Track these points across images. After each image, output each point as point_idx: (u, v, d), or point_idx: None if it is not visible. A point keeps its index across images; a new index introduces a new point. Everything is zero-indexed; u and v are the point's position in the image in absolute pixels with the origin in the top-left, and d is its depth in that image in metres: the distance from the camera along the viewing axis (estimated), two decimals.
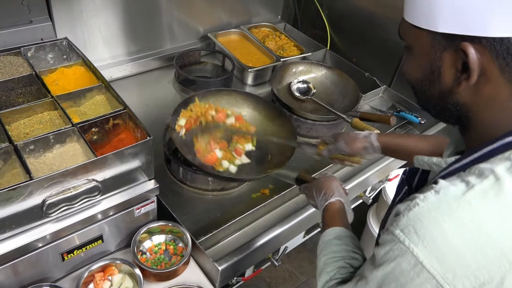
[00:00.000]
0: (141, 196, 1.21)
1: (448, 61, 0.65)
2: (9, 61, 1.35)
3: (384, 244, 0.66)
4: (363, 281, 0.71)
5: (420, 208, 0.61)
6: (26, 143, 1.10)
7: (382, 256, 0.66)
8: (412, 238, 0.61)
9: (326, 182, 1.14)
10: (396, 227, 0.63)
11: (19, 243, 1.03)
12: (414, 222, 0.61)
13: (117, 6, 1.78)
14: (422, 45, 0.67)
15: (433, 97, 0.70)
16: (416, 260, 0.60)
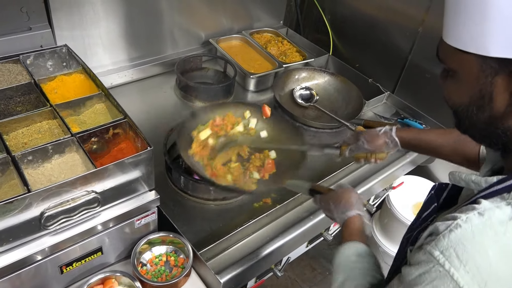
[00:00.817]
0: (142, 207, 1.19)
1: (501, 85, 0.62)
2: (8, 69, 1.33)
3: (419, 264, 0.63)
4: None
5: (463, 230, 0.59)
6: (24, 154, 1.07)
7: (416, 277, 0.63)
8: (453, 262, 0.58)
9: (345, 194, 1.09)
10: (435, 248, 0.60)
11: (17, 256, 1.01)
12: (456, 245, 0.58)
13: (117, 12, 1.76)
14: (470, 70, 0.64)
15: (481, 122, 0.67)
16: (455, 285, 0.58)
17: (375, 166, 1.74)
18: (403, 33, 2.05)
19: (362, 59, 2.26)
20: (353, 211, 1.04)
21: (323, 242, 2.41)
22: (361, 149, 1.31)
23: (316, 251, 2.40)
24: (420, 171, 2.16)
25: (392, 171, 1.73)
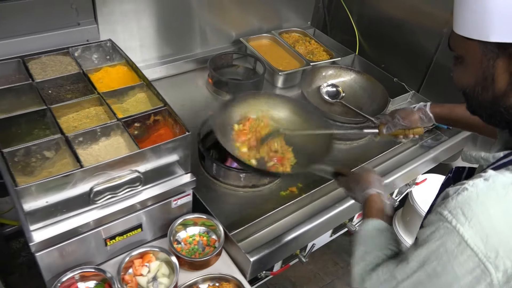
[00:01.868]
0: (179, 188, 1.28)
1: (501, 67, 0.70)
2: (59, 60, 1.45)
3: (430, 224, 0.70)
4: (404, 262, 0.75)
5: (469, 192, 0.66)
6: (76, 135, 1.18)
7: (427, 236, 0.70)
8: (459, 219, 0.65)
9: (364, 174, 1.17)
10: (445, 208, 0.67)
11: (69, 226, 1.12)
12: (462, 205, 0.65)
13: (153, 12, 1.87)
14: (474, 55, 0.72)
15: (486, 101, 0.75)
16: (461, 239, 0.64)
17: (397, 161, 1.80)
18: (428, 34, 2.09)
19: (387, 59, 2.31)
20: (372, 189, 1.11)
21: (345, 238, 2.49)
22: (398, 125, 1.42)
23: (339, 246, 2.46)
24: (443, 169, 2.19)
25: (414, 166, 1.77)
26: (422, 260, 0.71)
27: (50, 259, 1.14)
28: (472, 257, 0.64)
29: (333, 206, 1.54)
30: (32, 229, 1.09)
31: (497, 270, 0.63)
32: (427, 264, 0.70)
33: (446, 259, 0.67)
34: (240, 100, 1.57)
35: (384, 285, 0.79)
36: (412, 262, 0.73)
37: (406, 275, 0.74)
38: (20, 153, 1.13)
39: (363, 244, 0.95)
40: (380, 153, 1.76)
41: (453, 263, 0.66)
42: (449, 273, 0.67)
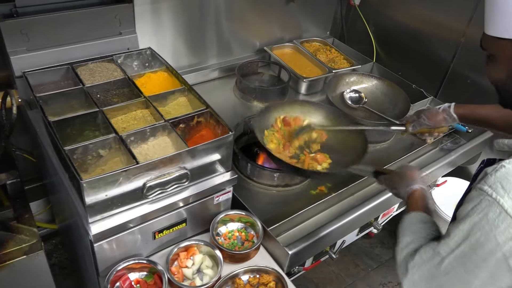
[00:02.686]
0: (220, 185, 1.36)
1: None
2: (105, 66, 1.55)
3: (471, 200, 0.78)
4: (447, 238, 0.82)
5: (507, 169, 0.75)
6: (128, 135, 1.27)
7: (469, 211, 0.78)
8: (499, 192, 0.73)
9: (408, 171, 1.23)
10: (485, 184, 0.75)
11: (123, 219, 1.20)
12: (501, 180, 0.74)
13: (184, 24, 1.98)
14: (505, 52, 0.83)
15: None
16: (501, 209, 0.72)
17: (418, 163, 1.89)
18: (445, 44, 2.18)
19: (404, 67, 2.40)
20: (416, 185, 1.17)
21: (365, 241, 2.55)
22: (423, 125, 1.54)
23: (359, 249, 2.52)
24: (462, 173, 2.27)
25: (434, 169, 1.84)
26: (465, 233, 0.78)
27: (105, 250, 1.22)
28: None
29: (361, 205, 1.61)
30: (91, 221, 1.17)
31: None
32: (471, 236, 0.77)
33: (488, 228, 0.74)
34: (277, 106, 1.70)
35: (428, 263, 0.85)
36: (455, 237, 0.80)
37: (451, 249, 0.81)
38: (79, 151, 1.22)
39: (407, 234, 1.00)
40: (402, 156, 1.84)
41: (495, 232, 0.73)
42: (491, 242, 0.74)
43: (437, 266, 0.83)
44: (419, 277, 0.87)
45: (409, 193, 1.16)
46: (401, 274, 0.92)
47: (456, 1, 2.06)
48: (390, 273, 2.38)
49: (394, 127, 1.61)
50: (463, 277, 0.79)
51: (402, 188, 1.20)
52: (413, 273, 0.88)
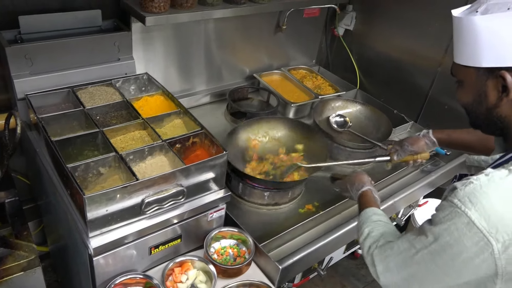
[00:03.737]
0: (214, 202, 1.43)
1: (491, 85, 0.90)
2: (104, 90, 1.63)
3: (443, 209, 0.87)
4: (423, 236, 0.92)
5: (474, 185, 0.83)
6: (127, 154, 1.34)
7: (441, 218, 0.87)
8: (467, 205, 0.82)
9: (358, 175, 1.41)
10: (454, 197, 0.84)
11: (121, 234, 1.25)
12: (469, 194, 0.83)
13: (177, 52, 2.09)
14: (470, 78, 0.93)
15: (482, 114, 0.94)
16: (469, 220, 0.81)
17: (400, 184, 1.97)
18: (424, 72, 2.32)
19: (386, 94, 2.53)
20: (365, 187, 1.34)
21: (351, 262, 2.62)
22: (407, 152, 1.63)
23: (346, 270, 2.58)
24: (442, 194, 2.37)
25: (414, 189, 1.92)
26: (437, 235, 0.87)
27: (103, 264, 1.26)
28: (478, 233, 0.80)
29: (346, 223, 1.68)
30: (91, 236, 1.22)
31: (497, 242, 0.79)
32: (441, 238, 0.86)
33: (457, 234, 0.83)
34: (245, 125, 1.85)
35: (405, 253, 0.96)
36: (429, 236, 0.90)
37: (424, 245, 0.91)
38: (81, 168, 1.29)
39: (366, 226, 1.15)
40: (384, 177, 1.94)
41: (463, 238, 0.82)
42: (460, 245, 0.83)
43: (411, 257, 0.94)
44: (394, 264, 0.98)
45: (361, 194, 1.32)
46: (369, 262, 1.06)
47: (433, 34, 2.21)
48: None
49: (380, 158, 1.69)
50: (432, 269, 0.89)
51: (353, 191, 1.37)
52: (388, 261, 0.99)
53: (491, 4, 0.87)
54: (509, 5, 0.84)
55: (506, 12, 0.84)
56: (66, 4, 1.70)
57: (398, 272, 0.97)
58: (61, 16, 1.64)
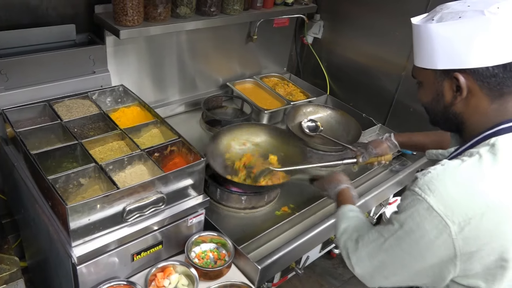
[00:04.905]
0: (194, 207, 1.48)
1: (447, 86, 0.99)
2: (81, 102, 1.66)
3: (406, 198, 0.95)
4: (390, 224, 1.00)
5: (432, 174, 0.92)
6: (107, 164, 1.38)
7: (404, 205, 0.95)
8: (426, 192, 0.90)
9: (335, 175, 1.50)
10: (415, 186, 0.92)
11: (104, 242, 1.29)
12: (428, 183, 0.91)
13: (151, 64, 2.13)
14: (429, 79, 1.01)
15: (439, 111, 1.03)
16: (428, 205, 0.89)
17: (370, 184, 2.07)
18: (389, 77, 2.45)
19: (355, 99, 2.64)
20: (343, 185, 1.42)
21: (328, 262, 2.70)
22: (371, 154, 1.74)
23: (323, 270, 2.66)
24: None
25: (384, 188, 2.01)
26: (402, 222, 0.96)
27: (87, 273, 1.29)
28: (437, 217, 0.89)
29: (321, 223, 1.76)
30: (74, 245, 1.25)
31: (453, 223, 0.87)
32: (405, 224, 0.94)
33: (419, 219, 0.91)
34: (226, 131, 1.92)
35: (374, 243, 1.04)
36: (395, 224, 0.98)
37: (391, 233, 0.99)
38: (62, 180, 1.31)
39: (343, 222, 1.22)
40: (355, 178, 2.03)
41: (424, 222, 0.90)
42: (421, 229, 0.91)
43: (380, 246, 1.02)
44: (366, 254, 1.06)
45: (338, 192, 1.40)
46: (345, 255, 1.13)
47: (397, 40, 2.34)
48: None
49: (347, 160, 1.77)
50: (399, 254, 0.97)
51: (331, 190, 1.45)
52: (360, 251, 1.07)
53: (445, 13, 0.96)
54: (461, 14, 0.93)
55: (458, 20, 0.93)
56: (39, 20, 1.72)
57: (369, 261, 1.05)
58: (35, 31, 1.66)
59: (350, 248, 1.12)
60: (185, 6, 1.91)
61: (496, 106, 0.95)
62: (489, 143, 0.93)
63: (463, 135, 1.04)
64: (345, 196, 1.39)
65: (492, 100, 0.95)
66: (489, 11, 0.90)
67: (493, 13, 0.89)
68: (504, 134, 0.93)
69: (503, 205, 0.88)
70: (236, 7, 2.08)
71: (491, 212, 0.87)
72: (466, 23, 0.91)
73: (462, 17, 0.92)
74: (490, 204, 0.87)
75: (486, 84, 0.94)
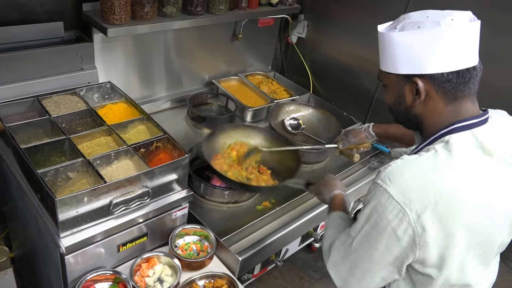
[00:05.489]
0: (178, 201, 1.55)
1: (407, 89, 1.06)
2: (69, 98, 1.70)
3: (370, 191, 1.03)
4: (355, 223, 1.07)
5: (392, 167, 1.00)
6: (95, 159, 1.43)
7: (369, 198, 1.03)
8: (387, 183, 0.98)
9: (330, 180, 1.52)
10: (378, 178, 1.00)
11: (91, 233, 1.35)
12: (388, 175, 0.99)
13: (137, 61, 2.18)
14: (392, 82, 1.09)
15: (401, 112, 1.11)
16: (389, 195, 0.97)
17: (350, 180, 2.16)
18: (370, 77, 2.54)
19: (337, 97, 2.73)
20: (336, 191, 1.46)
21: (309, 255, 2.79)
22: (350, 142, 1.85)
23: (304, 263, 2.75)
24: None
25: (362, 184, 2.10)
26: (367, 216, 1.03)
27: (74, 262, 1.35)
28: (397, 206, 0.96)
29: (300, 217, 1.85)
30: (62, 236, 1.30)
31: (411, 211, 0.95)
32: (370, 217, 1.02)
33: (381, 210, 0.99)
34: (221, 131, 1.92)
35: (344, 245, 1.10)
36: (360, 220, 1.05)
37: (357, 230, 1.06)
38: (51, 173, 1.37)
39: (330, 228, 1.27)
40: (336, 174, 2.11)
41: (386, 212, 0.98)
42: (384, 220, 0.99)
43: (349, 246, 1.08)
44: (338, 257, 1.12)
45: (332, 197, 1.44)
46: (326, 259, 1.18)
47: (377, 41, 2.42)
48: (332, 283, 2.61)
49: (328, 145, 1.89)
50: (368, 250, 1.04)
51: (326, 194, 1.48)
52: (333, 255, 1.14)
53: (407, 22, 1.04)
54: (420, 24, 1.01)
55: (417, 30, 1.01)
56: (27, 17, 1.75)
57: (343, 263, 1.11)
58: (24, 28, 1.70)
59: (325, 254, 1.18)
60: (172, 6, 1.96)
61: (451, 108, 1.04)
62: (444, 140, 1.02)
63: (423, 133, 1.12)
64: (337, 202, 1.42)
65: (447, 103, 1.04)
66: (444, 22, 0.98)
67: (448, 25, 0.98)
68: (457, 132, 1.02)
69: (455, 195, 0.96)
70: (222, 7, 2.14)
71: (444, 201, 0.95)
72: (424, 33, 1.00)
73: (421, 27, 1.01)
74: (443, 194, 0.95)
75: (442, 89, 1.02)
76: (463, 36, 0.99)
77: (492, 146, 1.02)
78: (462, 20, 0.99)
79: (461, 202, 0.97)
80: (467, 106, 1.05)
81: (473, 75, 1.02)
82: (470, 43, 1.00)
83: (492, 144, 1.03)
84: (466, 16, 1.00)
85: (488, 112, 1.08)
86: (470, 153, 1.01)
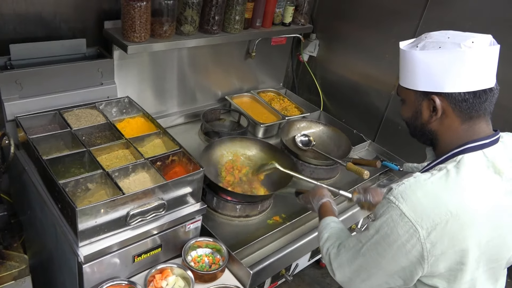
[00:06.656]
0: (192, 214, 1.59)
1: (425, 106, 1.11)
2: (89, 112, 1.77)
3: (382, 205, 1.07)
4: (366, 230, 1.12)
5: (405, 185, 1.04)
6: (113, 171, 1.49)
7: (380, 212, 1.07)
8: (400, 200, 1.02)
9: (318, 189, 1.63)
10: (391, 195, 1.04)
11: (108, 243, 1.39)
12: (401, 192, 1.02)
13: (153, 77, 2.26)
14: (410, 98, 1.14)
15: (417, 127, 1.16)
16: (401, 212, 1.01)
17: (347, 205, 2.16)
18: (380, 95, 2.58)
19: (347, 115, 2.78)
20: (325, 199, 1.54)
21: (317, 271, 2.80)
22: (367, 201, 1.68)
23: (312, 279, 2.76)
24: None
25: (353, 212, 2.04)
26: (378, 228, 1.07)
27: (91, 272, 1.39)
28: (408, 222, 1.00)
29: (310, 232, 1.88)
30: (80, 245, 1.35)
31: (422, 228, 0.99)
32: (381, 229, 1.06)
33: (392, 225, 1.03)
34: (219, 143, 2.05)
35: (354, 248, 1.15)
36: (371, 229, 1.09)
37: (368, 238, 1.10)
38: (71, 184, 1.42)
39: (325, 232, 1.34)
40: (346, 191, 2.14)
41: (397, 227, 1.02)
42: (394, 233, 1.03)
43: (358, 250, 1.13)
44: (346, 259, 1.18)
45: (321, 205, 1.52)
46: (327, 261, 1.25)
47: (388, 60, 2.48)
48: None
49: (343, 192, 1.73)
50: (375, 258, 1.09)
51: (314, 203, 1.57)
52: (341, 257, 1.19)
53: (428, 42, 1.09)
54: (441, 44, 1.06)
55: (438, 49, 1.06)
56: (52, 33, 1.84)
57: (349, 265, 1.16)
58: (49, 44, 1.77)
59: (332, 254, 1.23)
60: (189, 25, 2.03)
61: (466, 126, 1.08)
62: (456, 160, 1.06)
63: (436, 149, 1.16)
64: (327, 209, 1.51)
65: (462, 122, 1.08)
66: (465, 44, 1.03)
67: (468, 47, 1.03)
68: (470, 152, 1.06)
69: (465, 214, 1.00)
70: (237, 26, 2.21)
71: (454, 220, 0.99)
72: (445, 53, 1.04)
73: (442, 48, 1.05)
74: (454, 213, 0.99)
75: (458, 107, 1.07)
76: (483, 58, 1.03)
77: (503, 166, 1.07)
78: (483, 43, 1.04)
79: (471, 220, 1.00)
80: (481, 126, 1.09)
81: (489, 96, 1.06)
82: (489, 66, 1.05)
83: (502, 163, 1.07)
84: (487, 40, 1.05)
85: (499, 132, 1.12)
86: (480, 173, 1.05)
